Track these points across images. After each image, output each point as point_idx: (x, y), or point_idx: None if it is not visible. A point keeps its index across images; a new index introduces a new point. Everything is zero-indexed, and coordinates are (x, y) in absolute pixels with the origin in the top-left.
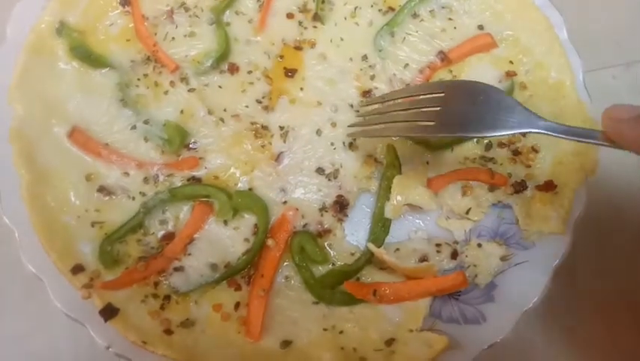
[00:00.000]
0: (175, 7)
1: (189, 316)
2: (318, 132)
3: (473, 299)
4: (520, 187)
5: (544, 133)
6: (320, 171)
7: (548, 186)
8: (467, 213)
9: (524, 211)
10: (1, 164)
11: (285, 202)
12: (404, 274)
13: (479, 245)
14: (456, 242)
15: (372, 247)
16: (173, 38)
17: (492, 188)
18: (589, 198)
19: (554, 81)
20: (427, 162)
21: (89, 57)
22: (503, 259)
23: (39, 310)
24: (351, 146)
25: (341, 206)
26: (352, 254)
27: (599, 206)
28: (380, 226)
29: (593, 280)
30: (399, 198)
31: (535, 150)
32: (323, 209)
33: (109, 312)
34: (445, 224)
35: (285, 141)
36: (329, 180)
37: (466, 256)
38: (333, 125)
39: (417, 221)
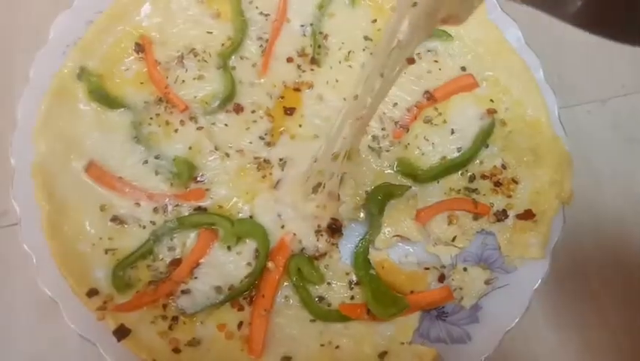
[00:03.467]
0: (185, 53)
1: (195, 335)
2: (314, 159)
3: (459, 320)
4: (501, 216)
5: None
6: (314, 193)
7: (528, 215)
8: (453, 240)
9: (506, 238)
10: (21, 196)
11: (282, 227)
12: (395, 284)
13: (465, 269)
14: (443, 266)
15: (375, 254)
16: (183, 81)
17: (476, 217)
18: (566, 225)
19: (531, 118)
20: (416, 195)
21: (106, 99)
22: (487, 282)
23: (51, 332)
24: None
25: (334, 230)
26: (347, 274)
27: (576, 232)
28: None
29: (571, 301)
30: (388, 230)
31: (515, 181)
32: (318, 232)
33: (121, 332)
34: (433, 250)
35: (283, 169)
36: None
37: (453, 280)
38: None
39: (406, 247)
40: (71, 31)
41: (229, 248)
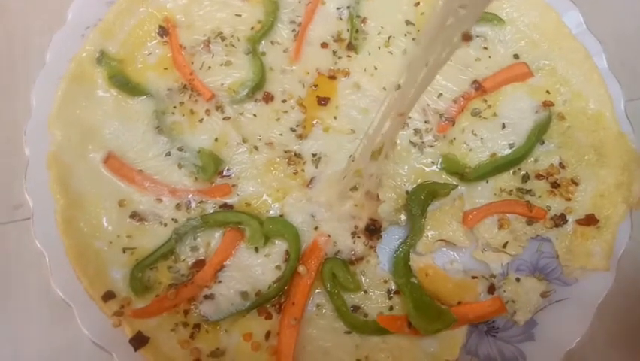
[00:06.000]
0: (212, 37)
1: (219, 345)
2: (352, 158)
3: (512, 337)
4: (560, 221)
5: None
6: (351, 192)
7: (590, 220)
8: (504, 246)
9: (565, 246)
10: (35, 189)
11: (316, 228)
12: (441, 293)
13: (517, 280)
14: (493, 276)
15: (417, 259)
16: (210, 67)
17: (530, 221)
18: (634, 233)
19: (593, 112)
20: (462, 195)
21: (127, 85)
22: (544, 295)
23: (64, 336)
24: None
25: (372, 231)
26: (385, 281)
27: None
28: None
29: (639, 318)
30: (432, 233)
31: (575, 182)
32: (355, 234)
33: (139, 341)
34: (481, 257)
35: (317, 167)
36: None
37: (504, 291)
38: None
39: (451, 253)
40: (91, 13)
41: (257, 250)
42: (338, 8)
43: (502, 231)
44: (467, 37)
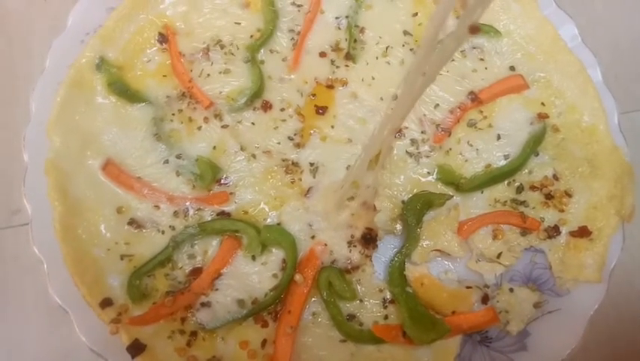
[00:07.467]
0: (211, 45)
1: (216, 353)
2: (349, 168)
3: (505, 347)
4: (553, 232)
5: None
6: (348, 202)
7: (583, 232)
8: (498, 257)
9: (558, 257)
10: (34, 195)
11: (313, 237)
12: (436, 303)
13: (511, 290)
14: (486, 286)
15: (413, 268)
16: (209, 75)
17: (524, 232)
18: (626, 245)
19: (587, 125)
20: (457, 206)
21: (126, 92)
22: (536, 305)
23: (62, 342)
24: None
25: (368, 240)
26: (380, 290)
27: (637, 253)
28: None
29: (630, 331)
30: (427, 243)
31: (568, 194)
32: (351, 243)
33: (136, 348)
34: (475, 267)
35: (314, 177)
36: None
37: (498, 301)
38: None
39: (446, 263)
40: (91, 19)
41: (254, 258)
42: (337, 18)
43: (496, 241)
44: (474, 30)
